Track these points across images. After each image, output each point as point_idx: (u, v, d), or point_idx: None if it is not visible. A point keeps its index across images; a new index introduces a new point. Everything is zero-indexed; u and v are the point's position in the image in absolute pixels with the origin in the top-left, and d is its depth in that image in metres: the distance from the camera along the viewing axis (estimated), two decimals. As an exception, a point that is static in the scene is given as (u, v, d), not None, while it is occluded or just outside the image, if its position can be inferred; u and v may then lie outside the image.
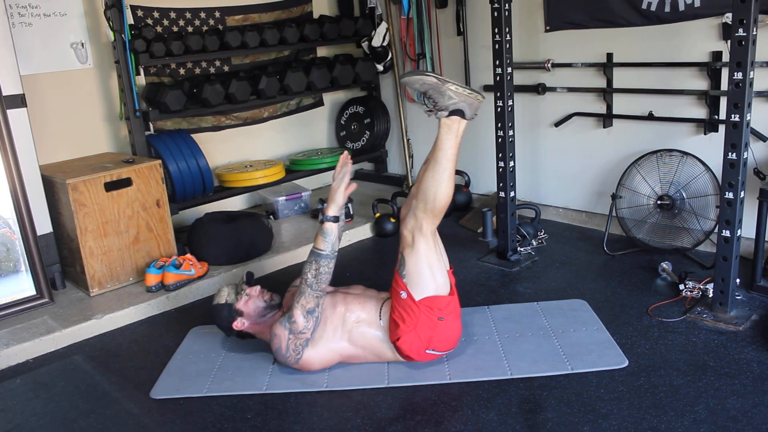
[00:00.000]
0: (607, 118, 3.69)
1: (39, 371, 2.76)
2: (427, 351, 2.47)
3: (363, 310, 2.51)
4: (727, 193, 2.60)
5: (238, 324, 2.60)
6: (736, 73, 2.46)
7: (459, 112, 2.41)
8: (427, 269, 2.44)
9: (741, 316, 2.71)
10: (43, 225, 3.32)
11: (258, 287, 2.67)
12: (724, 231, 2.64)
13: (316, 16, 4.64)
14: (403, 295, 2.43)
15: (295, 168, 4.49)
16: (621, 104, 3.65)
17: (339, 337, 2.48)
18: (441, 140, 2.42)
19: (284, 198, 4.35)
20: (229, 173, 4.17)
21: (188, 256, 3.44)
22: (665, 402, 2.21)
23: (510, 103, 3.31)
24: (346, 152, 2.55)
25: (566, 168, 3.98)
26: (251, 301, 2.62)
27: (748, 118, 2.52)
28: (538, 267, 3.42)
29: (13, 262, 3.21)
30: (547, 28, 3.80)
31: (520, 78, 3.86)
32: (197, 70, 4.18)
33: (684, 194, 3.31)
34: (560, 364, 2.47)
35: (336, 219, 2.42)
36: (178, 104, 3.74)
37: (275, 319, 2.54)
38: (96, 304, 3.21)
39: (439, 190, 2.39)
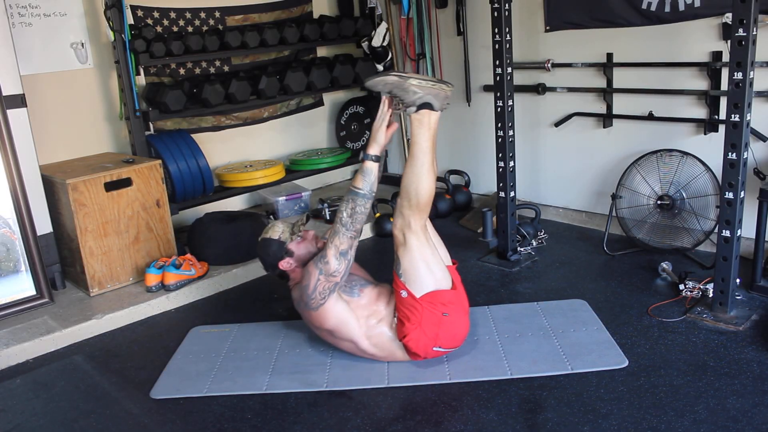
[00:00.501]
0: (607, 118, 3.69)
1: (39, 371, 2.76)
2: (434, 348, 2.47)
3: (386, 308, 2.52)
4: (727, 193, 2.60)
5: (285, 264, 2.59)
6: (736, 73, 2.46)
7: (427, 105, 2.40)
8: (423, 265, 2.43)
9: (741, 316, 2.71)
10: (43, 225, 3.32)
11: (313, 232, 2.66)
12: (724, 231, 2.64)
13: (316, 16, 4.64)
14: (404, 294, 2.43)
15: (295, 168, 4.49)
16: (621, 104, 3.65)
17: (360, 325, 2.48)
18: (414, 135, 2.42)
19: (284, 198, 4.35)
20: (229, 173, 4.17)
21: (188, 256, 3.44)
22: (665, 402, 2.21)
23: (510, 103, 3.31)
24: (389, 96, 2.46)
25: (566, 168, 3.98)
26: (303, 244, 2.60)
27: (748, 118, 2.52)
28: (538, 267, 3.42)
29: (13, 262, 3.21)
30: (547, 28, 3.81)
31: (520, 78, 3.86)
32: (197, 70, 4.18)
33: (684, 194, 3.31)
34: (560, 364, 2.47)
35: (377, 158, 2.41)
36: (178, 104, 3.74)
37: None
38: (96, 304, 3.21)
39: (420, 185, 2.39)
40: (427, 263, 2.44)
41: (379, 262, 3.71)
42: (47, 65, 3.59)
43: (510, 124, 3.34)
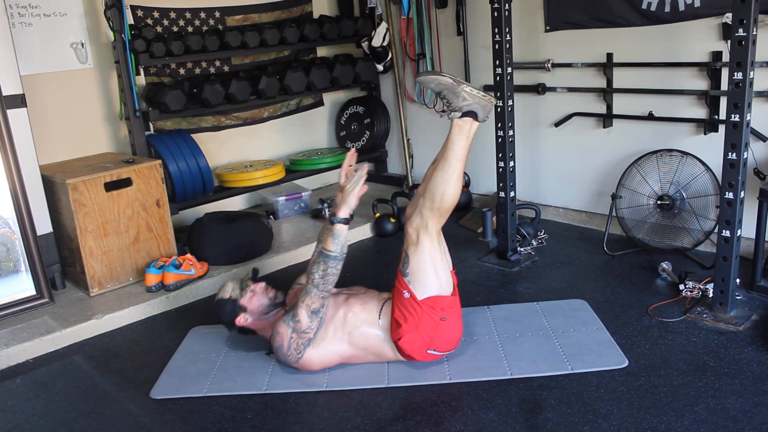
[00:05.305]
0: (607, 118, 3.69)
1: (39, 371, 2.76)
2: (428, 351, 2.47)
3: (364, 310, 2.50)
4: (727, 193, 2.60)
5: (241, 320, 2.59)
6: (736, 73, 2.46)
7: (472, 114, 2.42)
8: (431, 268, 2.43)
9: (741, 316, 2.71)
10: (43, 225, 3.32)
11: (263, 284, 2.66)
12: (724, 231, 2.64)
13: (316, 16, 4.64)
14: (406, 294, 2.43)
15: (295, 168, 4.49)
16: (621, 104, 3.65)
17: (339, 339, 2.48)
18: (452, 140, 2.43)
19: (284, 198, 4.35)
20: (229, 173, 4.17)
21: (188, 256, 3.44)
22: (665, 402, 2.21)
23: (510, 103, 3.31)
24: (353, 149, 2.53)
25: (566, 168, 3.98)
26: (255, 298, 2.61)
27: (748, 118, 2.52)
28: (538, 267, 3.42)
29: (13, 262, 3.21)
30: (547, 28, 3.80)
31: (520, 78, 3.86)
32: (197, 70, 4.18)
33: (684, 194, 3.31)
34: (560, 364, 2.47)
35: (347, 221, 2.42)
36: (178, 104, 3.74)
37: (278, 317, 2.54)
38: (96, 304, 3.21)
39: (447, 190, 2.39)
40: (435, 267, 2.44)
41: (378, 262, 3.72)
42: (47, 65, 3.59)
43: (510, 124, 3.34)
